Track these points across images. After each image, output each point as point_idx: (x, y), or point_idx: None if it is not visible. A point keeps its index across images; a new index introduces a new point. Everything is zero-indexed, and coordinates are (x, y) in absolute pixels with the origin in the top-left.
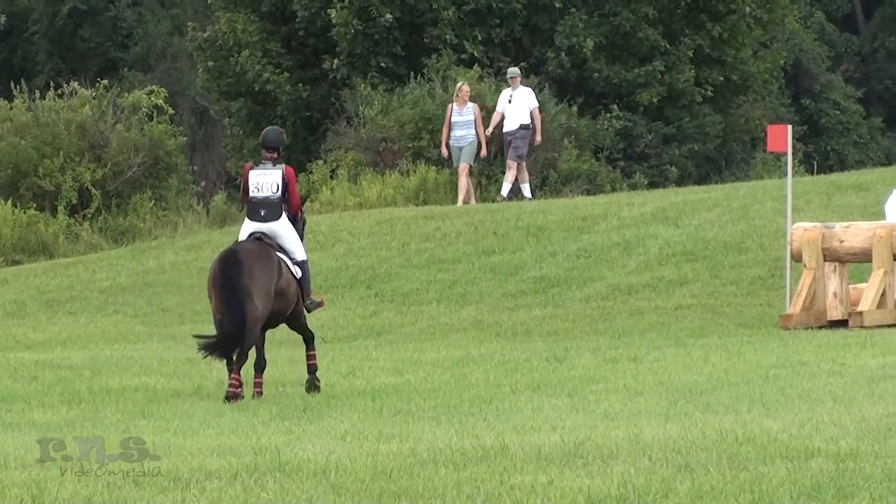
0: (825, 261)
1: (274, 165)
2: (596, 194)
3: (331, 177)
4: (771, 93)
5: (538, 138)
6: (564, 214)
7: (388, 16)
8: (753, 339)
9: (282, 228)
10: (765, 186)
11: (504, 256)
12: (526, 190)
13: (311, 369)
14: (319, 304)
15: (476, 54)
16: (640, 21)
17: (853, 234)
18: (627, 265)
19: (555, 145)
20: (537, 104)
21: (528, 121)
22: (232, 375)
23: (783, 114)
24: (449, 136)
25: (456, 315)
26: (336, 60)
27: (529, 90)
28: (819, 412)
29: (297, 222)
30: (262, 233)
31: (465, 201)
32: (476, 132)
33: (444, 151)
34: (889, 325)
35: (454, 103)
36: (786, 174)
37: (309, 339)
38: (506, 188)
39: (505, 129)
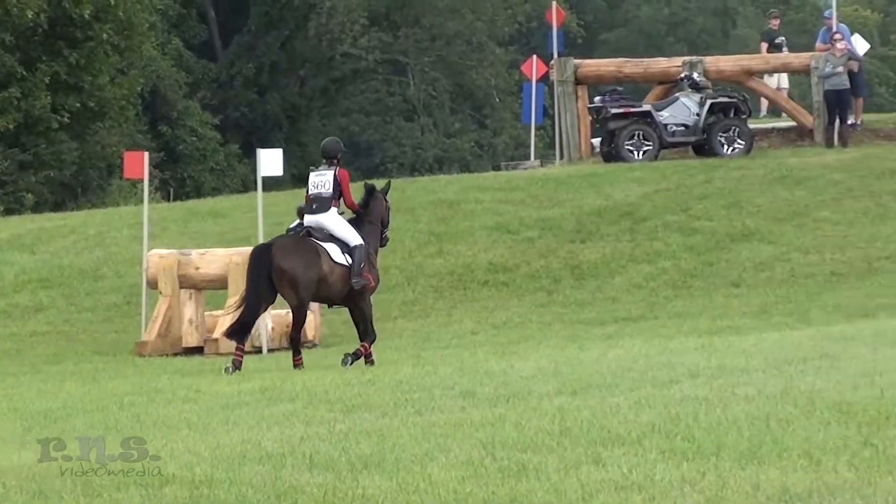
0: (181, 287)
1: (329, 167)
2: None
3: None
4: (128, 119)
5: None
6: None
7: None
8: (109, 366)
9: (329, 220)
10: (121, 213)
11: None
12: None
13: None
14: (367, 284)
15: None
16: None
17: (209, 260)
18: None
19: None
20: None
21: None
22: (295, 357)
23: (140, 140)
24: None
25: None
26: None
27: None
28: (174, 439)
29: (371, 216)
30: (311, 227)
31: None
32: None
33: None
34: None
35: None
36: (143, 201)
37: (362, 333)
38: None
39: None
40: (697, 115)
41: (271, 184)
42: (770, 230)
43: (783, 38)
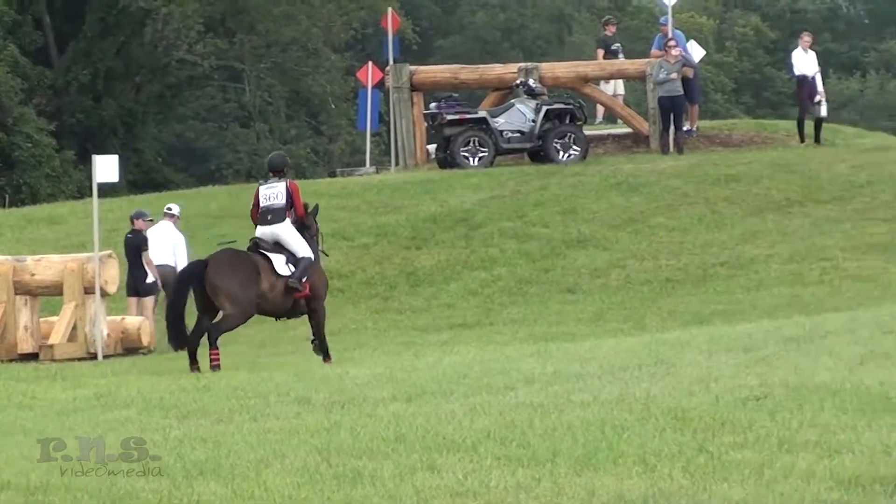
0: (16, 294)
1: (279, 180)
2: None
3: None
4: None
5: None
6: None
7: None
8: None
9: (284, 230)
10: None
11: None
12: None
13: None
14: (300, 290)
15: None
16: None
17: (45, 267)
18: None
19: None
20: None
21: None
22: (211, 350)
23: None
24: None
25: None
26: None
27: None
28: (8, 445)
29: (310, 230)
30: (261, 238)
31: None
32: None
33: None
34: (80, 359)
35: None
36: None
37: (315, 332)
38: None
39: None
40: (533, 121)
41: (107, 190)
42: (605, 237)
43: (619, 45)
